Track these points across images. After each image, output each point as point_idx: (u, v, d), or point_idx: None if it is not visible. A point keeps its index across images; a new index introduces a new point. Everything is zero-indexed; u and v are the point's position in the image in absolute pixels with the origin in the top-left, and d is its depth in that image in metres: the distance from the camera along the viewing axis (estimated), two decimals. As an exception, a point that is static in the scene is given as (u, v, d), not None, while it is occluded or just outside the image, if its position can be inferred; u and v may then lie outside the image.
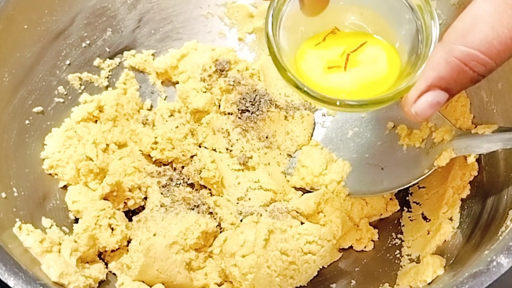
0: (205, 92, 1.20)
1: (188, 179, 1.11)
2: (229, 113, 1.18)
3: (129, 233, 1.01)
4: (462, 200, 1.02)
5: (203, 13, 1.28)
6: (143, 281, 0.95)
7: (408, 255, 1.03)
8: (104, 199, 1.02)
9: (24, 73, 1.03)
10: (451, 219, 1.00)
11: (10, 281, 0.77)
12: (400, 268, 1.01)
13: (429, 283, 0.89)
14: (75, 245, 0.93)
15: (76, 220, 1.01)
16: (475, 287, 0.75)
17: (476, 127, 1.00)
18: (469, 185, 1.02)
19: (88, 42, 1.14)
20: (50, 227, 0.96)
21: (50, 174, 1.04)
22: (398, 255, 1.04)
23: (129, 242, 1.00)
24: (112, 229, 0.99)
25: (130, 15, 1.20)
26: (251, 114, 1.16)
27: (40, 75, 1.06)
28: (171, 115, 1.20)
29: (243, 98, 1.17)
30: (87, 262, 0.96)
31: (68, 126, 1.07)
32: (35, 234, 0.89)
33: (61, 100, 1.10)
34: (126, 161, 1.07)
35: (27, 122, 1.03)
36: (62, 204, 1.02)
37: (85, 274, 0.90)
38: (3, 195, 0.91)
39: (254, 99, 1.17)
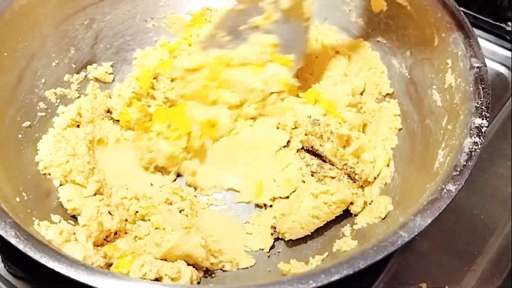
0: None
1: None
2: None
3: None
4: (392, 149, 1.21)
5: (149, 25, 1.44)
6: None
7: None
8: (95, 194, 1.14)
9: (9, 94, 1.14)
10: (388, 165, 1.19)
11: (55, 266, 0.83)
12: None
13: (383, 218, 1.04)
14: (88, 232, 1.04)
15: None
16: (434, 211, 0.89)
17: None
18: (395, 136, 1.23)
19: (56, 61, 1.27)
20: (59, 222, 1.04)
21: (44, 174, 1.13)
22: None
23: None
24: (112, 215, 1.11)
25: (88, 34, 1.34)
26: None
27: (23, 95, 1.17)
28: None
29: None
30: (98, 246, 1.06)
31: (56, 133, 1.19)
32: (53, 228, 0.98)
33: (43, 114, 1.21)
34: (112, 158, 1.21)
35: (20, 136, 1.13)
36: (62, 201, 1.12)
37: (100, 255, 1.02)
38: (17, 199, 1.00)
39: None
